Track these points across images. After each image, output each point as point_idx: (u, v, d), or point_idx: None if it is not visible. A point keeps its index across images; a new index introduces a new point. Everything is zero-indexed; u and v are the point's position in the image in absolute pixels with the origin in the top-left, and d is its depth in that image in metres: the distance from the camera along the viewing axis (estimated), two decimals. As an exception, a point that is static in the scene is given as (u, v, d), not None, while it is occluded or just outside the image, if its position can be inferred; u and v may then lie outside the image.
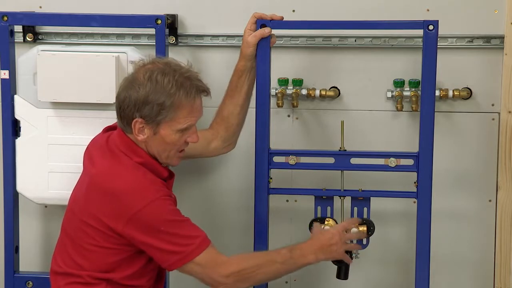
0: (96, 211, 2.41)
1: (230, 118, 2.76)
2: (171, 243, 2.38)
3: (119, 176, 2.42)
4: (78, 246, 2.47)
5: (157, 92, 2.39)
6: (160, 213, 2.38)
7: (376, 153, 2.72)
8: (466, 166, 2.96)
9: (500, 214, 2.95)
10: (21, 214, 2.98)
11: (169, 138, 2.44)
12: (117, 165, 2.44)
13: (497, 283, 2.97)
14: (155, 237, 2.38)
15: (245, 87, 2.73)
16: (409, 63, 2.90)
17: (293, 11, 2.93)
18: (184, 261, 2.39)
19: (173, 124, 2.42)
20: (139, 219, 2.37)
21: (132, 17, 2.86)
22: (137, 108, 2.40)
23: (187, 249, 2.39)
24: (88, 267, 2.45)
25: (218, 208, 3.09)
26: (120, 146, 2.47)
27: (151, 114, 2.40)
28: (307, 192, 2.82)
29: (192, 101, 2.44)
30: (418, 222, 2.68)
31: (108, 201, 2.39)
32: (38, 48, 2.83)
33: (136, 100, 2.40)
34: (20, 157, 2.87)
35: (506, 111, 2.90)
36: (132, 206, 2.37)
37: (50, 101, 2.82)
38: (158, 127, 2.42)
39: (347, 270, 2.74)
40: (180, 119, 2.43)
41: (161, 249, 2.39)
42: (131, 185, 2.39)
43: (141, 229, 2.37)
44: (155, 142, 2.45)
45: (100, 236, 2.42)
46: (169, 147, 2.46)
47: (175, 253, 2.39)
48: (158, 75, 2.40)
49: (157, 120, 2.41)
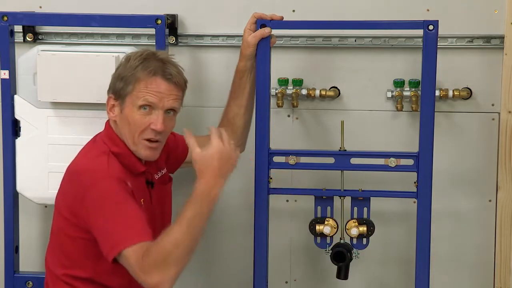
0: (63, 194, 2.46)
1: (236, 120, 2.76)
2: (108, 229, 2.31)
3: (83, 158, 2.48)
4: (54, 239, 2.50)
5: (125, 68, 2.48)
6: (106, 192, 2.35)
7: (376, 153, 2.72)
8: (466, 166, 2.96)
9: (500, 214, 2.95)
10: (21, 214, 2.98)
11: (131, 117, 2.45)
12: (90, 150, 2.50)
13: (497, 283, 2.97)
14: (98, 217, 2.33)
15: (247, 87, 2.73)
16: (409, 63, 2.90)
17: (293, 11, 2.93)
18: (115, 249, 2.27)
19: (133, 99, 2.45)
20: (90, 197, 2.36)
21: (132, 17, 2.86)
22: (110, 86, 2.51)
23: (119, 236, 2.28)
24: (64, 262, 2.46)
25: (218, 208, 3.08)
26: (102, 135, 2.53)
27: (117, 88, 2.48)
28: (307, 192, 2.82)
29: (150, 77, 2.45)
30: (418, 222, 2.68)
31: (71, 181, 2.44)
32: (38, 48, 2.83)
33: (112, 79, 2.51)
34: (20, 157, 2.87)
35: (506, 111, 2.90)
36: (85, 183, 2.38)
37: (50, 101, 2.82)
38: (124, 103, 2.46)
39: (347, 270, 2.75)
40: (138, 92, 2.45)
41: (101, 233, 2.33)
42: (89, 165, 2.43)
43: (90, 207, 2.35)
44: (122, 123, 2.48)
45: (66, 224, 2.43)
46: (133, 128, 2.46)
47: (108, 240, 2.31)
48: (134, 55, 2.49)
49: (122, 95, 2.47)
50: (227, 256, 3.08)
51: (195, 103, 2.99)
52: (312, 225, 2.75)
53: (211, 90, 3.00)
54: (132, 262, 2.25)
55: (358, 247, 2.75)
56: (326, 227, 2.73)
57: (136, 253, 2.25)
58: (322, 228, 2.74)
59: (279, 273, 3.06)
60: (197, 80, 2.97)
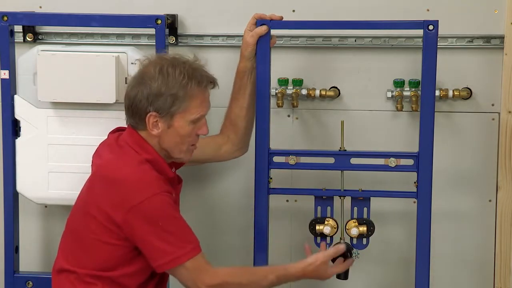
0: (98, 200, 2.42)
1: (238, 121, 2.77)
2: (166, 241, 2.38)
3: (124, 166, 2.43)
4: (80, 241, 2.47)
5: (169, 84, 2.41)
6: (160, 207, 2.38)
7: (376, 153, 2.72)
8: (466, 166, 2.96)
9: (500, 214, 2.95)
10: (21, 214, 2.98)
11: (183, 130, 2.45)
12: (124, 158, 2.46)
13: (497, 283, 2.98)
14: (151, 232, 2.37)
15: (248, 88, 2.73)
16: (409, 63, 2.90)
17: (293, 11, 2.93)
18: (175, 263, 2.39)
19: (186, 115, 2.43)
20: (140, 211, 2.37)
21: (132, 17, 2.86)
22: (150, 102, 2.42)
23: (180, 251, 2.39)
24: (87, 264, 2.45)
25: (218, 208, 3.09)
26: (130, 142, 2.48)
27: (165, 106, 2.41)
28: (307, 192, 2.82)
29: (204, 91, 2.46)
30: (418, 222, 2.68)
31: (111, 189, 2.40)
32: (38, 48, 2.83)
33: (148, 94, 2.41)
34: (20, 157, 2.87)
35: (506, 111, 2.90)
36: (135, 196, 2.37)
37: (50, 101, 2.82)
38: (172, 119, 2.43)
39: (347, 270, 2.75)
40: (193, 109, 2.44)
41: (155, 246, 2.38)
42: (135, 176, 2.40)
43: (140, 221, 2.37)
44: (168, 136, 2.46)
45: (100, 230, 2.41)
46: (183, 140, 2.47)
47: (167, 253, 2.39)
48: (169, 67, 2.42)
49: (170, 112, 2.42)
50: (227, 256, 3.08)
51: (195, 103, 2.99)
52: (312, 225, 2.75)
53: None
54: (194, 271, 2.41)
55: (358, 247, 2.75)
56: (326, 227, 2.73)
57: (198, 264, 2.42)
58: (322, 228, 2.74)
59: (279, 273, 3.06)
60: (197, 80, 2.97)
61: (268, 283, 2.49)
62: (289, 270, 2.55)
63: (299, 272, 2.55)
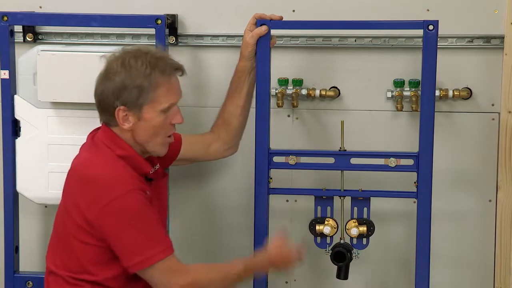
0: (74, 199, 2.41)
1: (231, 120, 2.76)
2: (137, 241, 2.36)
3: (97, 165, 2.43)
4: (63, 242, 2.47)
5: (132, 76, 2.40)
6: (132, 205, 2.36)
7: (376, 153, 2.72)
8: (466, 166, 2.96)
9: (500, 214, 2.95)
10: (21, 214, 2.98)
11: (154, 121, 2.43)
12: (97, 156, 2.45)
13: (497, 283, 2.98)
14: (122, 231, 2.36)
15: (245, 88, 2.73)
16: (409, 63, 2.90)
17: (293, 11, 2.93)
18: (146, 263, 2.36)
19: (155, 105, 2.41)
20: (111, 209, 2.35)
21: (132, 17, 2.86)
22: (116, 96, 2.41)
23: (150, 252, 2.36)
24: (71, 267, 2.45)
25: (218, 208, 3.09)
26: (103, 139, 2.47)
27: (131, 99, 2.40)
28: (307, 192, 2.82)
29: (168, 79, 2.43)
30: (418, 222, 2.68)
31: (85, 188, 2.39)
32: (38, 48, 2.83)
33: (113, 88, 2.41)
34: (20, 157, 2.87)
35: (506, 111, 2.90)
36: (106, 194, 2.36)
37: (50, 101, 2.82)
38: (141, 111, 2.41)
39: (347, 270, 2.75)
40: (160, 98, 2.42)
41: (125, 246, 2.36)
42: (108, 174, 2.39)
43: (111, 219, 2.35)
44: (141, 129, 2.44)
45: (78, 229, 2.41)
46: (157, 131, 2.44)
47: (138, 254, 2.36)
48: (131, 59, 2.41)
49: (138, 104, 2.40)
50: (227, 256, 3.08)
51: (195, 103, 2.99)
52: (312, 225, 2.75)
53: (211, 90, 3.00)
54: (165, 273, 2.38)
55: (358, 247, 2.75)
56: (326, 227, 2.74)
57: (169, 265, 2.38)
58: (322, 228, 2.74)
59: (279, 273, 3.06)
60: (197, 80, 2.97)
61: (236, 274, 2.46)
62: (255, 258, 2.55)
63: (265, 257, 2.53)
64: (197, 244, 3.09)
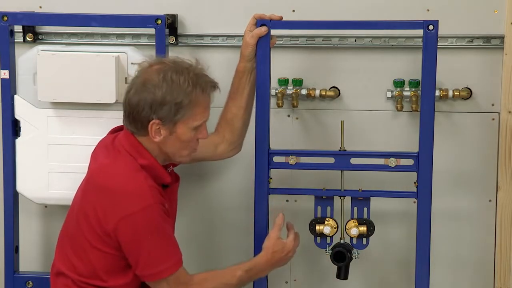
0: (92, 206, 2.41)
1: (234, 121, 2.76)
2: (152, 254, 2.39)
3: (119, 174, 2.41)
4: (75, 245, 2.47)
5: (173, 92, 2.37)
6: (151, 220, 2.38)
7: (376, 153, 2.72)
8: (466, 166, 2.96)
9: (500, 214, 2.95)
10: (21, 214, 2.98)
11: (185, 136, 2.43)
12: (119, 164, 2.44)
13: (497, 283, 2.98)
14: (140, 244, 2.38)
15: (247, 88, 2.73)
16: (409, 63, 2.90)
17: (293, 11, 2.93)
18: (159, 276, 2.40)
19: (190, 121, 2.42)
20: (130, 221, 2.36)
21: (132, 17, 2.86)
22: (154, 110, 2.38)
23: (164, 265, 2.40)
24: (82, 271, 2.45)
25: (218, 208, 3.09)
26: (126, 146, 2.45)
27: (169, 115, 2.38)
28: (307, 192, 2.82)
29: (208, 97, 2.45)
30: (418, 222, 2.68)
31: (104, 197, 2.39)
32: (38, 48, 2.83)
33: (152, 102, 2.37)
34: (20, 157, 2.87)
35: (506, 111, 2.90)
36: (127, 206, 2.36)
37: (50, 101, 2.82)
38: (175, 126, 2.41)
39: (347, 270, 2.75)
40: (197, 116, 2.42)
41: (141, 258, 2.39)
42: (129, 186, 2.38)
43: (129, 231, 2.37)
44: (170, 142, 2.44)
45: (93, 235, 2.41)
46: (185, 145, 2.46)
47: (152, 266, 2.39)
48: (173, 74, 2.38)
49: (174, 120, 2.40)
50: (227, 256, 3.08)
51: (195, 103, 2.99)
52: (312, 225, 2.75)
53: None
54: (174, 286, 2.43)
55: (358, 247, 2.75)
56: (326, 227, 2.73)
57: (179, 277, 2.43)
58: (322, 228, 2.74)
59: (279, 273, 3.06)
60: (197, 80, 2.97)
61: (237, 280, 2.50)
62: (254, 260, 2.57)
63: (263, 258, 2.56)
64: (197, 244, 3.09)
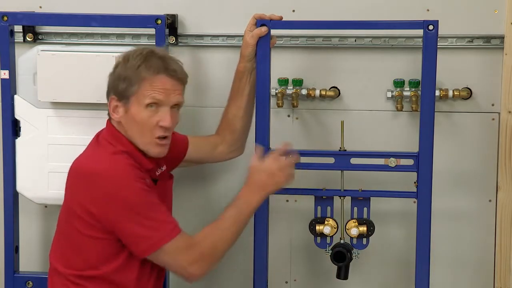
0: (77, 196, 2.43)
1: (235, 122, 2.76)
2: (144, 226, 2.38)
3: (97, 159, 2.45)
4: (68, 240, 2.47)
5: (126, 68, 2.46)
6: (136, 194, 2.38)
7: (376, 153, 2.72)
8: (466, 166, 2.96)
9: (500, 214, 2.95)
10: (21, 214, 2.98)
11: (139, 116, 2.44)
12: (98, 151, 2.48)
13: (497, 283, 2.98)
14: (129, 219, 2.38)
15: (247, 89, 2.73)
16: (409, 63, 2.90)
17: (293, 11, 2.93)
18: (155, 247, 2.39)
19: (139, 98, 2.44)
20: (114, 200, 2.37)
21: (132, 17, 2.86)
22: (111, 87, 2.49)
23: (159, 234, 2.38)
24: (78, 264, 2.46)
25: (218, 208, 3.07)
26: (106, 136, 2.50)
27: (121, 89, 2.46)
28: (307, 192, 2.82)
29: (154, 75, 2.45)
30: (418, 222, 2.68)
31: (88, 184, 2.41)
32: (38, 48, 2.83)
33: (110, 80, 2.50)
34: (20, 157, 2.87)
35: (506, 111, 2.90)
36: (110, 186, 2.38)
37: (50, 101, 2.82)
38: (128, 103, 2.45)
39: (347, 270, 2.75)
40: (144, 91, 2.44)
41: (134, 233, 2.38)
42: (108, 167, 2.41)
43: (117, 210, 2.37)
44: (128, 123, 2.47)
45: (84, 225, 2.42)
46: (142, 128, 2.45)
47: (146, 238, 2.38)
48: (133, 54, 2.48)
49: (126, 96, 2.45)
50: (227, 256, 3.07)
51: (195, 103, 2.99)
52: (312, 225, 2.75)
53: (211, 90, 3.00)
54: (175, 254, 2.40)
55: (358, 247, 2.75)
56: (326, 227, 2.73)
57: (178, 245, 2.40)
58: (322, 228, 2.74)
59: (279, 273, 3.06)
60: (197, 80, 2.97)
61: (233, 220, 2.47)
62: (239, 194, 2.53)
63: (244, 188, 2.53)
64: (197, 244, 3.09)
